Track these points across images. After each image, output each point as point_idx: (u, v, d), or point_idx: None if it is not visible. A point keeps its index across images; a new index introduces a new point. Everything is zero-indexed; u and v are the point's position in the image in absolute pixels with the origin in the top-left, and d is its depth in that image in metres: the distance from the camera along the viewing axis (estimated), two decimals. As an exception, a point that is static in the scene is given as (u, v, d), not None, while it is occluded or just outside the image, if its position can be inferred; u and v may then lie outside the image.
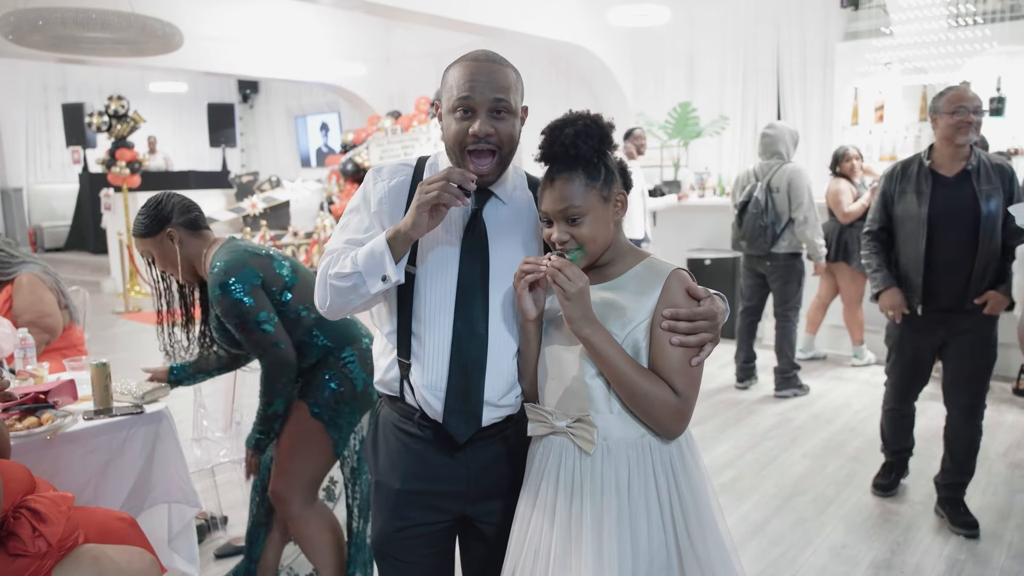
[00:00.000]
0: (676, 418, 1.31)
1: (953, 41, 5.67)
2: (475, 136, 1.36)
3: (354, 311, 1.47)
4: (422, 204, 1.31)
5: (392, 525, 1.50)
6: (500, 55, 1.43)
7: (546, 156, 1.35)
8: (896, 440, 3.27)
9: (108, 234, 9.55)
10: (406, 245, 1.37)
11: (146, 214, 2.16)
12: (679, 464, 1.35)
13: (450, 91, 1.40)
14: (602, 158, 1.35)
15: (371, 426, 1.60)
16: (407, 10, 6.45)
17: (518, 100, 1.42)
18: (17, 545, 1.67)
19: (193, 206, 2.23)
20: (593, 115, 1.35)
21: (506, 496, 1.49)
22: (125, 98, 8.62)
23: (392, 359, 1.48)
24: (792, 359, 4.72)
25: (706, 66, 7.83)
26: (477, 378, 1.41)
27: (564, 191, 1.32)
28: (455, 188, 1.31)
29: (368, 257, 1.37)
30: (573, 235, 1.33)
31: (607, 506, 1.30)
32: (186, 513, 2.45)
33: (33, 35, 6.38)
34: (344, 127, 12.45)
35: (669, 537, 1.31)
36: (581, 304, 1.28)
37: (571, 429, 1.34)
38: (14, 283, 2.97)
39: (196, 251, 2.21)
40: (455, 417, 1.41)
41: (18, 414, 2.18)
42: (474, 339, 1.41)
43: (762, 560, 2.75)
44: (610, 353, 1.29)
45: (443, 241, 1.45)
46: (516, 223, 1.49)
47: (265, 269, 2.11)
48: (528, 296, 1.36)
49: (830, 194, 5.12)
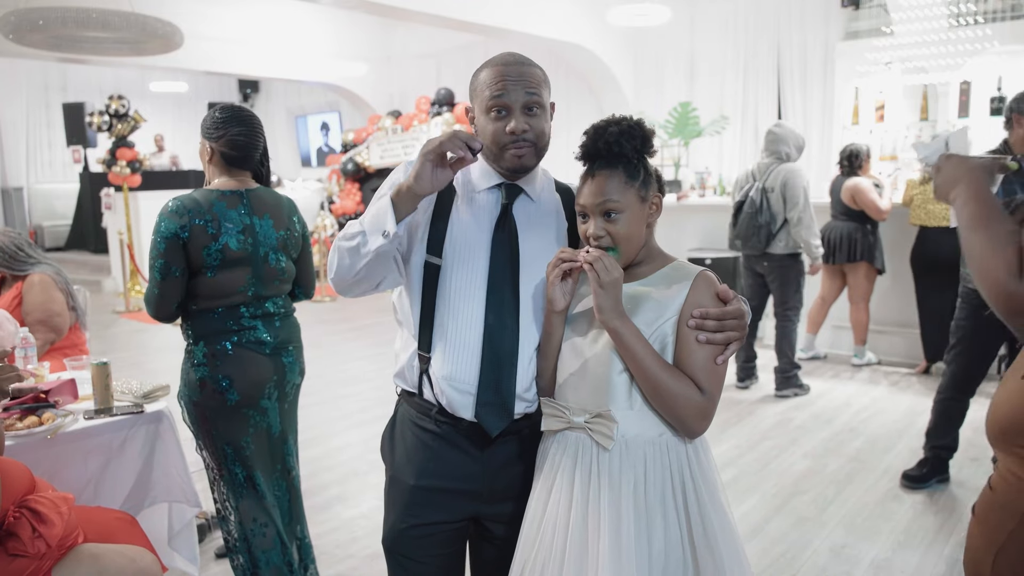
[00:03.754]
0: (699, 416, 1.31)
1: (954, 41, 5.67)
2: (512, 133, 1.39)
3: (362, 282, 1.45)
4: (427, 153, 1.33)
5: (404, 521, 1.50)
6: (524, 55, 1.46)
7: (588, 153, 1.38)
8: (939, 433, 3.29)
9: (109, 233, 9.54)
10: (411, 202, 1.37)
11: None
12: (695, 464, 1.35)
13: (482, 93, 1.42)
14: (642, 159, 1.37)
15: (389, 422, 1.61)
16: (407, 10, 6.46)
17: (547, 96, 1.45)
18: (17, 545, 1.68)
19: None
20: (636, 119, 1.38)
21: (518, 499, 1.49)
22: (126, 97, 8.62)
23: (412, 352, 1.49)
24: (792, 359, 4.72)
25: (706, 66, 7.83)
26: (508, 370, 1.42)
27: (604, 185, 1.34)
28: (461, 141, 1.32)
29: (373, 215, 1.38)
30: (609, 231, 1.35)
31: (625, 503, 1.30)
32: (186, 512, 2.45)
33: (33, 35, 6.38)
34: (344, 127, 12.46)
35: (684, 536, 1.31)
36: (613, 295, 1.30)
37: (590, 424, 1.34)
38: (25, 281, 3.02)
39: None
40: (487, 410, 1.42)
41: (19, 413, 2.18)
42: (505, 331, 1.42)
43: (762, 560, 2.75)
44: (637, 347, 1.30)
45: (472, 234, 1.46)
46: (545, 221, 1.51)
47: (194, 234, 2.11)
48: (559, 286, 1.37)
49: (857, 193, 5.01)
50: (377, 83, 11.13)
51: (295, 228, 2.32)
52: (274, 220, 2.24)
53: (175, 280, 2.10)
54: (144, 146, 8.75)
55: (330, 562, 2.73)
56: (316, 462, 3.68)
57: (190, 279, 2.14)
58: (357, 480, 3.48)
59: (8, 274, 3.07)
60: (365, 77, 10.91)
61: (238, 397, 2.13)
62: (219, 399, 2.13)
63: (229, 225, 2.13)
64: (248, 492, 2.21)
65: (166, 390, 2.48)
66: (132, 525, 2.06)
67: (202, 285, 2.14)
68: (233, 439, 2.17)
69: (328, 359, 5.73)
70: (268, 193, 2.27)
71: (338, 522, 3.07)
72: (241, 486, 2.20)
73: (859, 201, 5.01)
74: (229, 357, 2.14)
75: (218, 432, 2.16)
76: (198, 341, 2.16)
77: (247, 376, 2.15)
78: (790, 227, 4.48)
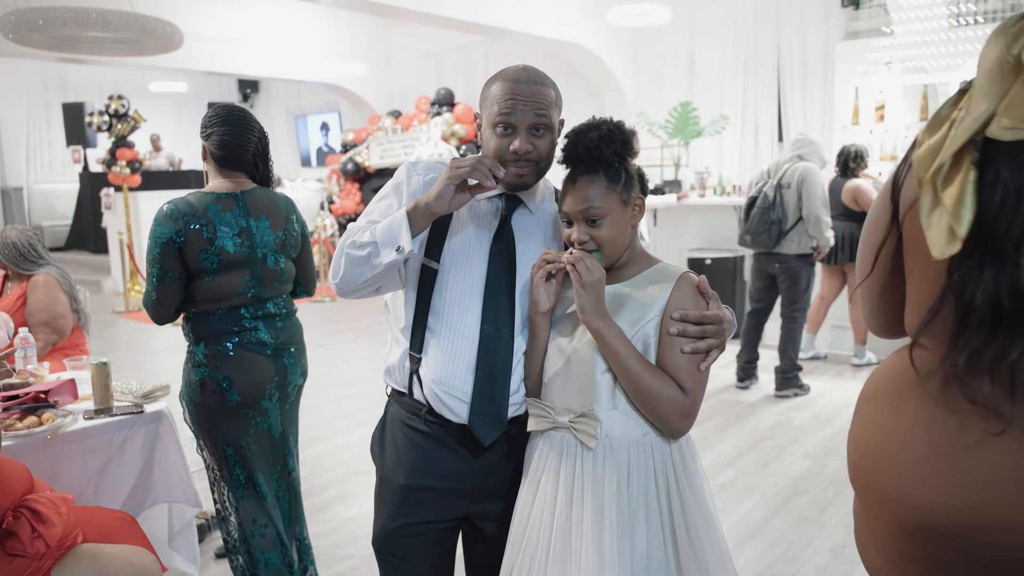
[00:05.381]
0: (682, 416, 1.32)
1: (954, 40, 5.67)
2: (515, 153, 1.40)
3: (366, 287, 1.47)
4: (452, 177, 1.34)
5: (394, 521, 1.50)
6: (540, 72, 1.45)
7: (569, 158, 1.38)
8: None
9: (108, 233, 9.54)
10: (426, 220, 1.38)
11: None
12: (680, 465, 1.35)
13: (491, 107, 1.43)
14: (623, 163, 1.38)
15: (379, 422, 1.61)
16: (407, 10, 6.46)
17: (556, 116, 1.45)
18: (16, 545, 1.67)
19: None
20: (616, 121, 1.38)
21: (508, 497, 1.50)
22: (125, 97, 8.61)
23: (403, 351, 1.49)
24: (795, 360, 4.71)
25: (706, 65, 7.83)
26: (502, 380, 1.43)
27: (586, 192, 1.35)
28: (486, 169, 1.33)
29: (387, 228, 1.39)
30: (592, 236, 1.36)
31: (608, 503, 1.30)
32: (186, 513, 2.45)
33: (33, 35, 6.38)
34: (344, 127, 12.46)
35: (667, 537, 1.32)
36: (595, 295, 1.31)
37: (574, 424, 1.34)
38: (30, 281, 3.04)
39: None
40: (481, 419, 1.42)
41: (18, 413, 2.18)
42: (500, 342, 1.43)
43: (762, 560, 2.75)
44: (619, 347, 1.30)
45: (471, 242, 1.47)
46: (542, 233, 1.52)
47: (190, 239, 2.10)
48: (543, 287, 1.39)
49: (858, 195, 5.02)
50: (377, 83, 11.13)
51: (294, 228, 2.31)
52: (271, 221, 2.23)
53: (173, 284, 2.10)
54: (140, 146, 8.74)
55: (330, 562, 2.73)
56: (316, 462, 3.68)
57: (189, 283, 2.13)
58: (357, 480, 3.48)
59: (12, 272, 3.08)
60: (365, 77, 10.91)
61: (238, 398, 2.13)
62: (220, 400, 2.12)
63: (224, 228, 2.12)
64: (249, 493, 2.21)
65: (166, 390, 2.47)
66: (132, 525, 2.06)
67: (201, 289, 2.13)
68: (234, 440, 2.17)
69: (329, 359, 5.73)
70: (265, 194, 2.26)
71: (338, 522, 3.07)
72: (242, 487, 2.20)
73: (861, 202, 5.03)
74: (230, 358, 2.14)
75: (219, 433, 2.16)
76: (199, 342, 2.15)
77: (248, 377, 2.15)
78: (806, 224, 4.45)
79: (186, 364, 2.18)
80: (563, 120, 1.49)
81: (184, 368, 2.19)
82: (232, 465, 2.19)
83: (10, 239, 3.04)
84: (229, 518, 2.25)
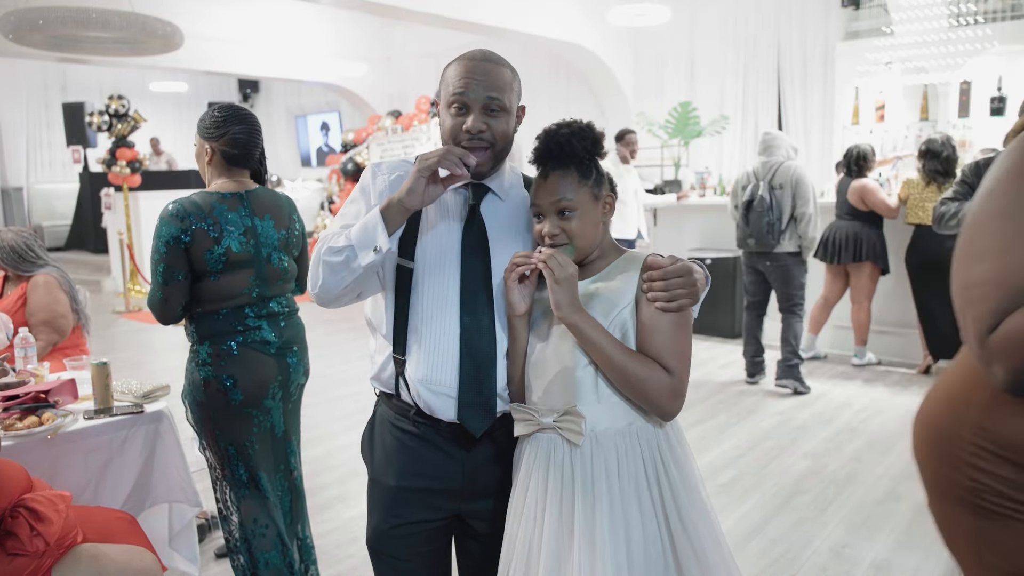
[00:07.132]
0: (671, 395, 1.32)
1: (954, 40, 5.67)
2: (468, 132, 1.39)
3: (347, 294, 1.44)
4: (422, 170, 1.33)
5: (387, 522, 1.50)
6: (497, 54, 1.45)
7: (540, 155, 1.39)
8: None
9: (108, 233, 9.54)
10: (401, 216, 1.37)
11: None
12: (666, 449, 1.36)
13: (447, 87, 1.42)
14: (593, 160, 1.40)
15: (367, 424, 1.61)
16: (407, 10, 6.46)
17: (513, 99, 1.44)
18: (15, 545, 1.68)
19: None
20: (587, 122, 1.40)
21: (498, 495, 1.50)
22: (125, 97, 8.61)
23: (387, 355, 1.48)
24: (796, 349, 4.74)
25: (706, 66, 7.83)
26: (488, 370, 1.42)
27: (558, 185, 1.36)
28: (455, 158, 1.33)
29: (362, 230, 1.37)
30: (564, 228, 1.36)
31: (598, 497, 1.31)
32: (187, 512, 2.45)
33: (33, 34, 6.38)
34: (344, 126, 12.47)
35: (661, 523, 1.33)
36: (569, 290, 1.31)
37: (558, 423, 1.35)
38: (30, 282, 3.03)
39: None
40: (470, 411, 1.41)
41: (18, 413, 2.18)
42: (482, 332, 1.42)
43: (762, 560, 2.75)
44: (598, 338, 1.31)
45: (442, 236, 1.46)
46: (514, 219, 1.51)
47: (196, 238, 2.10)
48: (517, 290, 1.38)
49: (865, 194, 5.02)
50: (377, 83, 11.13)
51: (295, 227, 2.32)
52: (275, 220, 2.24)
53: (179, 284, 2.10)
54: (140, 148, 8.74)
55: (330, 562, 2.73)
56: (317, 462, 3.68)
57: (194, 283, 2.13)
58: (357, 480, 3.48)
59: (12, 273, 3.08)
60: (365, 77, 10.92)
61: (242, 397, 2.13)
62: (223, 399, 2.12)
63: (230, 228, 2.13)
64: (251, 492, 2.21)
65: (166, 390, 2.47)
66: (132, 525, 2.06)
67: (206, 288, 2.13)
68: (237, 439, 2.17)
69: (329, 359, 5.73)
70: (268, 193, 2.27)
71: (338, 522, 3.07)
72: (244, 486, 2.20)
73: (868, 202, 5.03)
74: (234, 357, 2.14)
75: (222, 432, 2.16)
76: (203, 341, 2.16)
77: (251, 376, 2.15)
78: (799, 223, 4.53)
79: (189, 363, 2.18)
80: (523, 107, 1.48)
81: (187, 367, 2.19)
82: (235, 464, 2.19)
83: (7, 241, 3.03)
84: (230, 517, 2.25)
